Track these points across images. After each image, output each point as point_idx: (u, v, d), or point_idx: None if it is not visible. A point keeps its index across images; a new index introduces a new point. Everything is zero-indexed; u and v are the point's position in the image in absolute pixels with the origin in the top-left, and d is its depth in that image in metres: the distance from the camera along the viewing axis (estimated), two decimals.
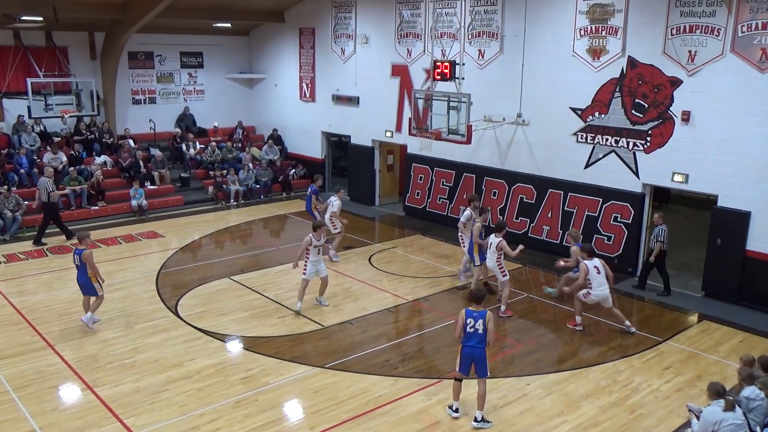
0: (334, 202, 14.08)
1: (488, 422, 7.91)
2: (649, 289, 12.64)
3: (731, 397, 6.72)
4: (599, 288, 10.31)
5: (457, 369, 7.97)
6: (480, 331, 7.72)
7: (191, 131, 21.46)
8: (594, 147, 13.71)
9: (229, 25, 21.13)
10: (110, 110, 20.15)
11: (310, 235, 11.16)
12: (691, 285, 12.75)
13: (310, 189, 15.11)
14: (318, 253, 11.22)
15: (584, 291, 10.51)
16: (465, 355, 7.84)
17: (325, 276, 11.51)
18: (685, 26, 12.01)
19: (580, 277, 10.56)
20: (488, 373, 8.00)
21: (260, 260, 14.34)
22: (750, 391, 7.01)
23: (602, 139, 13.54)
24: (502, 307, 11.41)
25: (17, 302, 11.69)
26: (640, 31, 12.69)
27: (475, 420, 7.90)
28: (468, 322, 7.73)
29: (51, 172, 15.79)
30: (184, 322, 10.93)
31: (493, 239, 11.25)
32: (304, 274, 11.21)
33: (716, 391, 6.76)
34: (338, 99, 19.85)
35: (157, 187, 19.03)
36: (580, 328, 10.78)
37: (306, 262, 11.19)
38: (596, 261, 10.46)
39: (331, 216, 14.00)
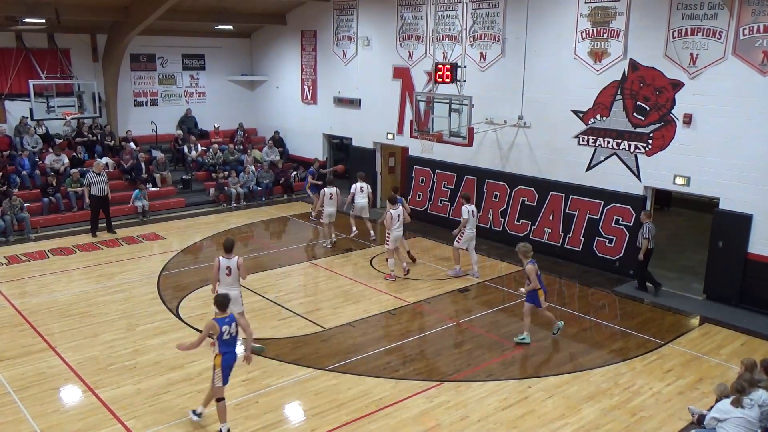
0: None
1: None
2: (648, 290, 12.65)
3: (743, 397, 7.01)
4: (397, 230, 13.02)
5: (223, 384, 7.64)
6: (234, 334, 7.69)
7: (193, 133, 21.49)
8: (595, 149, 13.71)
9: (230, 27, 21.16)
10: (112, 112, 20.18)
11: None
12: (693, 288, 12.74)
13: (308, 171, 18.03)
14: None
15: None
16: (229, 363, 7.69)
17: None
18: (686, 29, 12.01)
19: (386, 220, 12.95)
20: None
21: (261, 262, 14.34)
22: (758, 396, 7.12)
23: (604, 141, 13.54)
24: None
25: (18, 304, 11.70)
26: (641, 33, 12.70)
27: (196, 413, 7.90)
28: (224, 330, 7.56)
29: (100, 167, 16.28)
30: (186, 324, 10.94)
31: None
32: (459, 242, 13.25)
33: (736, 388, 7.08)
34: (340, 101, 19.86)
35: (158, 189, 19.05)
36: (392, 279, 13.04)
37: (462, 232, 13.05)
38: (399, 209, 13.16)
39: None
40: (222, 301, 7.79)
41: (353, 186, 15.90)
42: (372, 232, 15.85)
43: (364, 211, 15.83)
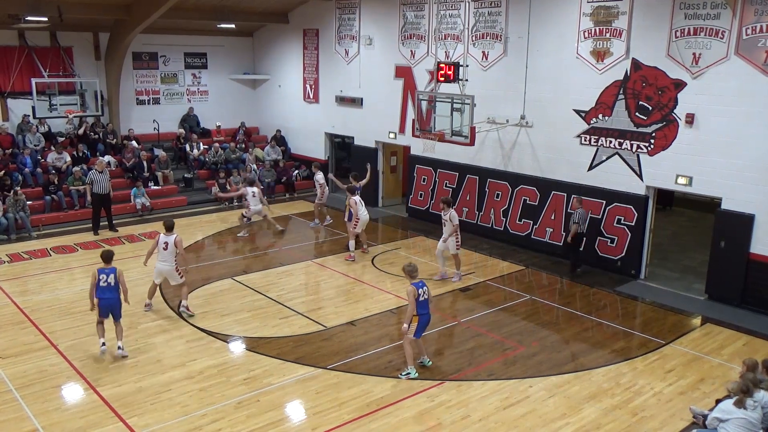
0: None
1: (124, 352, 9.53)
2: (650, 290, 12.67)
3: (747, 398, 7.00)
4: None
5: (99, 315, 9.54)
6: (112, 284, 9.43)
7: (195, 132, 21.50)
8: (597, 149, 13.69)
9: (233, 26, 21.14)
10: (114, 110, 20.20)
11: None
12: (695, 288, 12.73)
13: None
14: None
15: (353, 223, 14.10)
16: (104, 306, 9.46)
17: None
18: (689, 28, 11.99)
19: (353, 208, 14.03)
20: (122, 316, 9.69)
21: (263, 261, 14.35)
22: (761, 397, 7.11)
23: (606, 141, 13.52)
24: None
25: (20, 301, 11.72)
26: (644, 33, 12.68)
27: (119, 348, 9.52)
28: (101, 278, 9.38)
29: (103, 165, 16.35)
30: (187, 322, 10.94)
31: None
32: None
33: (740, 389, 7.09)
34: (342, 100, 19.86)
35: (160, 187, 19.07)
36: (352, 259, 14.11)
37: None
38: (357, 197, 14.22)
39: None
40: (106, 255, 9.65)
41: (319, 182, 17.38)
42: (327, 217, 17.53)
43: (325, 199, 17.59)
